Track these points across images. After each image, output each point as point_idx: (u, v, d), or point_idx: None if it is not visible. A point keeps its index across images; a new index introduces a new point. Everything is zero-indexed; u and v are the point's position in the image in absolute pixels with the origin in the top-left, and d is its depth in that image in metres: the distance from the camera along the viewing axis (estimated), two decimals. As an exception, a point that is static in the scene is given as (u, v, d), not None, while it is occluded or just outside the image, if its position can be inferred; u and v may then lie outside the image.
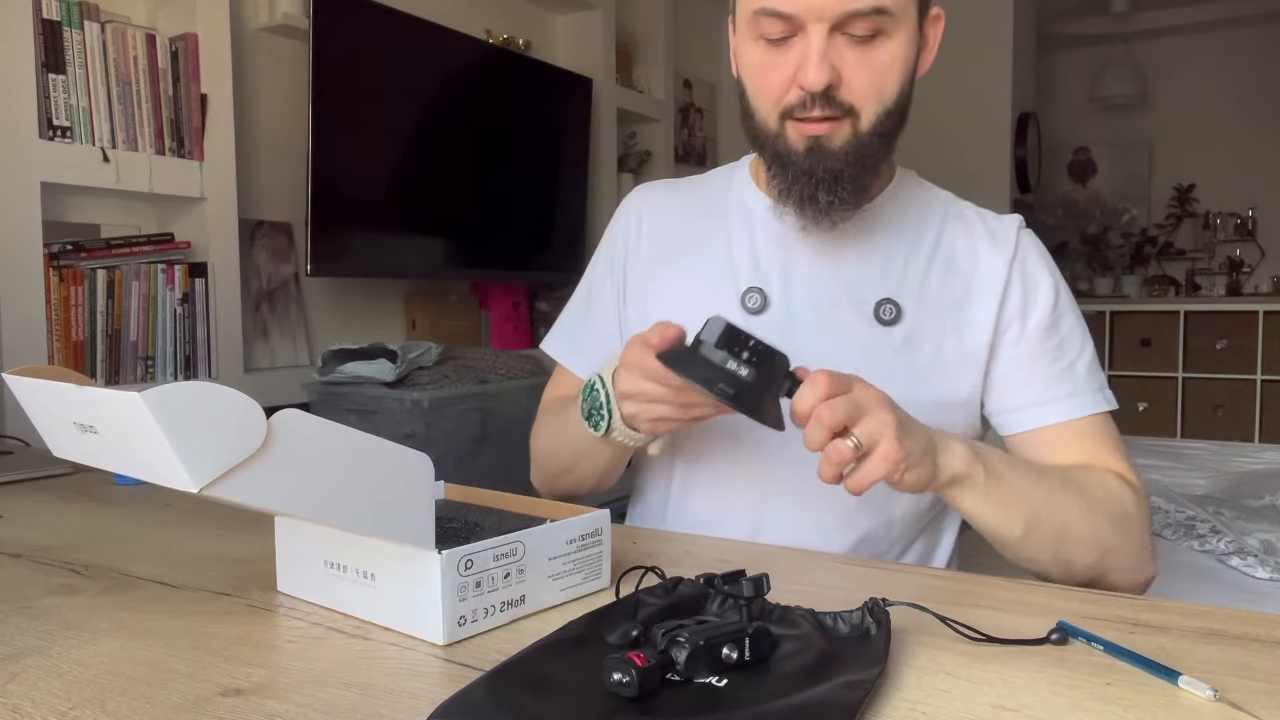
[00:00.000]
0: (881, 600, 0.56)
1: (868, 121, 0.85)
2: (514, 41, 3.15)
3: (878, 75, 0.84)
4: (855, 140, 0.86)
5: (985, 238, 0.96)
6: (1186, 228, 4.99)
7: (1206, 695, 0.50)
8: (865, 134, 0.86)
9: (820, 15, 0.81)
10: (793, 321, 0.93)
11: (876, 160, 0.89)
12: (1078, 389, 0.92)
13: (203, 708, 0.50)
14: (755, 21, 0.85)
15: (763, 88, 0.87)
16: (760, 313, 0.94)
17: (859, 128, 0.85)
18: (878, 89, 0.84)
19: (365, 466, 0.56)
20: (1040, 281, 0.94)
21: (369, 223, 2.49)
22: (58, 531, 0.90)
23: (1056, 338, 0.93)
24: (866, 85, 0.84)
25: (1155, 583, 1.43)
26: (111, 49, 1.99)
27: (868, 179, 0.89)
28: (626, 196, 1.10)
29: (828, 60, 0.82)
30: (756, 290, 0.95)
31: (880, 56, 0.84)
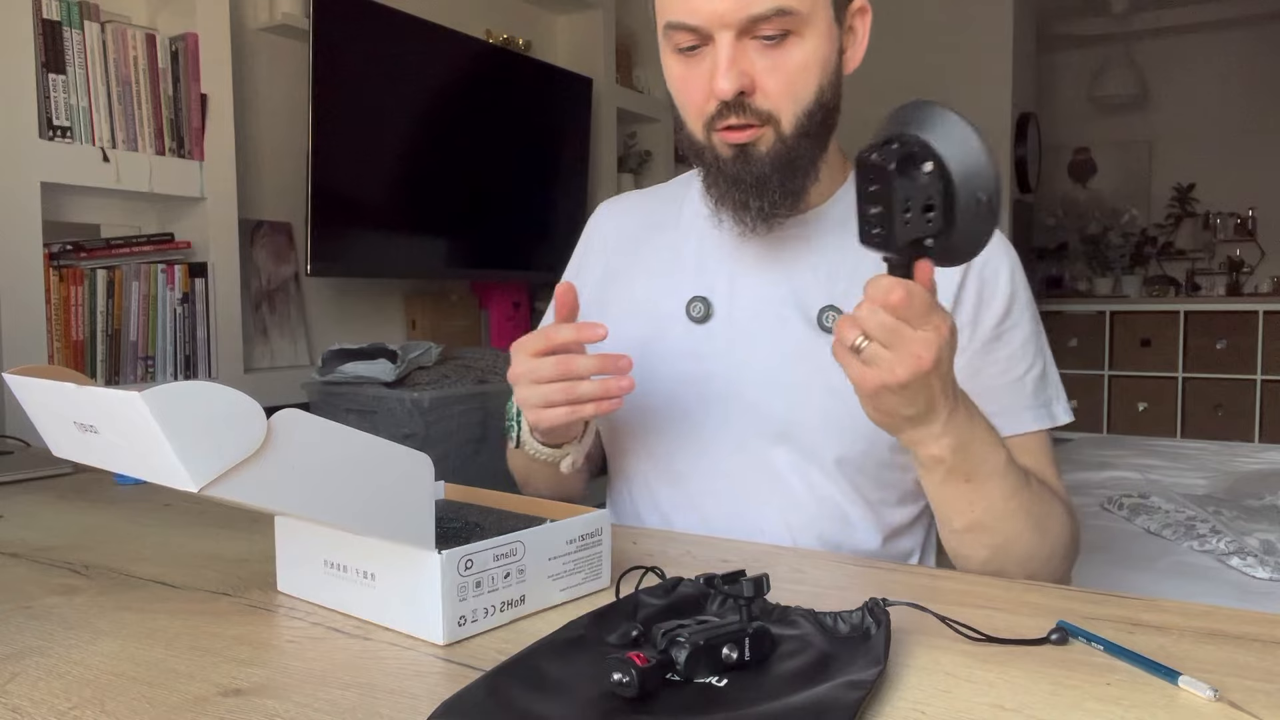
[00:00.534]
0: (881, 600, 0.56)
1: (789, 125, 0.85)
2: (514, 41, 3.15)
3: (791, 78, 0.83)
4: (780, 145, 0.85)
5: None
6: (1186, 228, 4.99)
7: (1206, 695, 0.50)
8: (789, 138, 0.85)
9: (723, 23, 0.81)
10: (736, 330, 0.94)
11: (808, 162, 0.88)
12: (1018, 404, 0.91)
13: (203, 708, 0.50)
14: (668, 35, 0.85)
15: (684, 101, 0.88)
16: (704, 321, 0.95)
17: (781, 132, 0.85)
18: (792, 92, 0.84)
19: (365, 466, 0.56)
20: (997, 289, 0.91)
21: (369, 223, 2.49)
22: (58, 531, 0.90)
23: (1006, 350, 0.91)
24: (781, 89, 0.83)
25: (1155, 583, 1.43)
26: (111, 49, 1.99)
27: (800, 182, 0.88)
28: (593, 213, 1.12)
29: (736, 67, 0.81)
30: (700, 300, 0.96)
31: (792, 58, 0.83)
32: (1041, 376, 0.93)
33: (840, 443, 0.90)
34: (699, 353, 0.95)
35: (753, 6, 0.80)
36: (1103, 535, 1.73)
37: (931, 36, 4.04)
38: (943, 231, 0.60)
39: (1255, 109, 4.78)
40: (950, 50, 4.02)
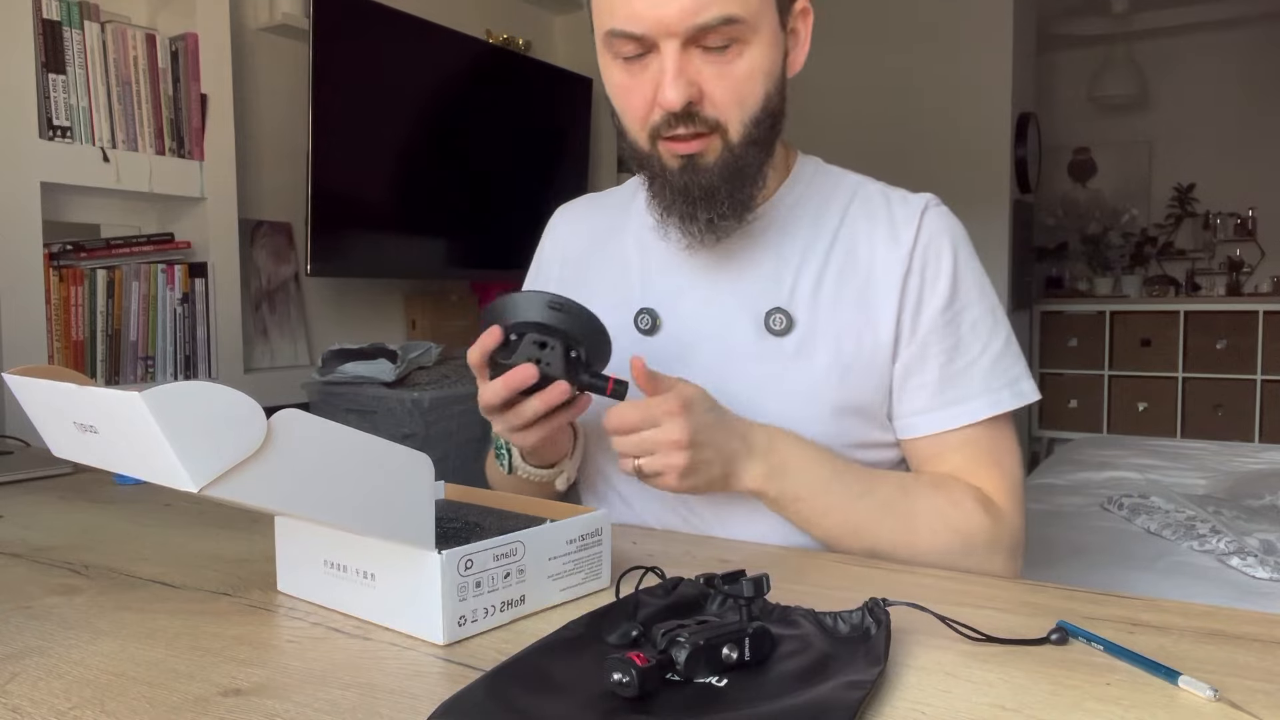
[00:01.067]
0: (881, 600, 0.56)
1: (736, 134, 0.83)
2: (514, 41, 3.15)
3: (738, 86, 0.81)
4: (728, 154, 0.83)
5: (885, 224, 0.90)
6: (1186, 228, 4.98)
7: (1206, 695, 0.50)
8: (736, 146, 0.83)
9: (669, 32, 0.78)
10: (683, 341, 0.92)
11: (755, 170, 0.86)
12: (967, 394, 0.87)
13: (203, 708, 0.50)
14: (609, 42, 0.82)
15: (627, 109, 0.85)
16: (652, 334, 0.94)
17: (729, 141, 0.83)
18: (739, 100, 0.82)
19: (365, 466, 0.56)
20: (941, 270, 0.88)
21: (369, 223, 2.49)
22: (58, 531, 0.90)
23: (953, 336, 0.88)
24: (728, 98, 0.81)
25: (1155, 583, 1.43)
26: (111, 49, 1.99)
27: (748, 190, 0.86)
28: (550, 220, 1.12)
29: (684, 76, 0.79)
30: (647, 311, 0.95)
31: (739, 67, 0.81)
32: (999, 356, 0.89)
33: None
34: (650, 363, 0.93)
35: (700, 15, 0.77)
36: (1103, 535, 1.73)
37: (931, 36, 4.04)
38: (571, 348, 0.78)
39: (1255, 109, 4.78)
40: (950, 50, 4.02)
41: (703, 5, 0.77)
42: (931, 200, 0.92)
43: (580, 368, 0.78)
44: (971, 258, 0.91)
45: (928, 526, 0.84)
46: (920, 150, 3.99)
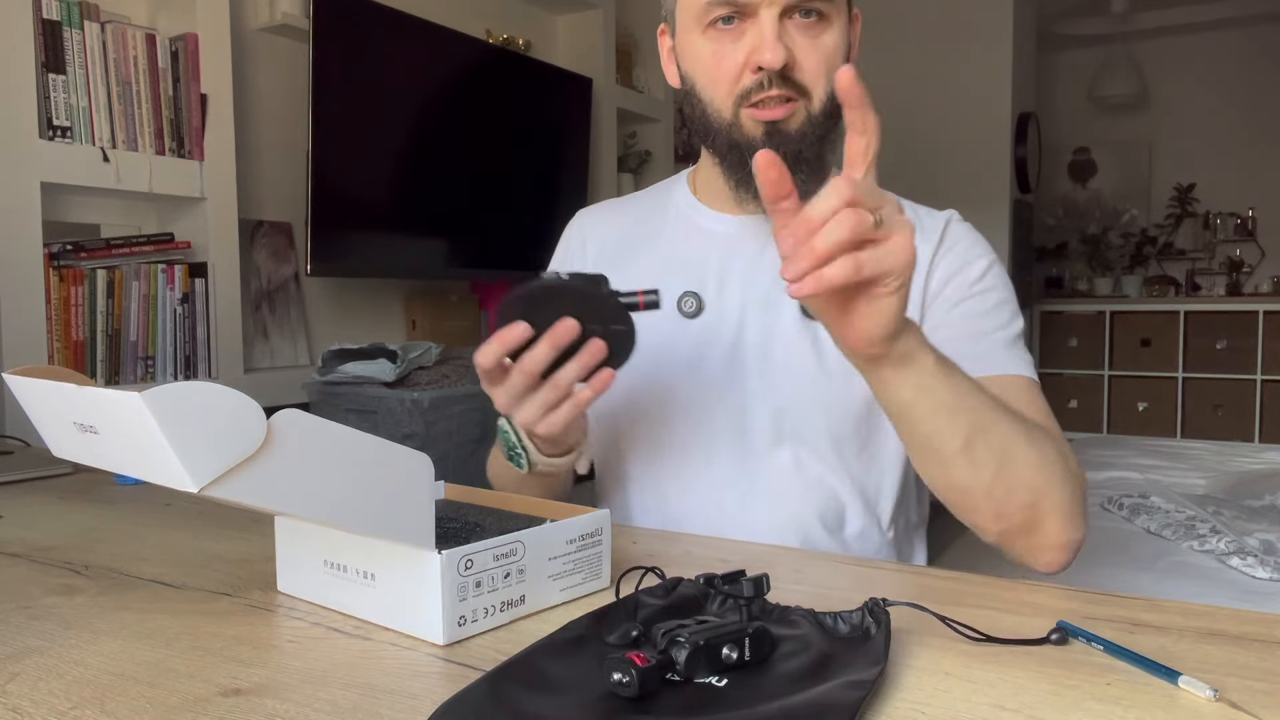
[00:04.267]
0: (881, 600, 0.56)
1: (819, 102, 0.88)
2: (514, 41, 3.15)
3: (827, 57, 0.88)
4: (809, 122, 0.89)
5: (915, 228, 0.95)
6: (1186, 228, 4.99)
7: (1206, 695, 0.50)
8: (818, 115, 0.89)
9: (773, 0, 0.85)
10: (726, 322, 0.96)
11: (832, 144, 0.90)
12: (998, 352, 0.89)
13: (203, 708, 0.50)
14: (707, 11, 0.88)
15: (717, 77, 0.89)
16: (695, 315, 0.97)
17: (812, 109, 0.88)
18: (827, 70, 0.88)
19: (365, 466, 0.56)
20: (970, 256, 0.94)
21: (369, 223, 2.49)
22: (58, 531, 0.90)
23: (980, 305, 0.92)
24: (817, 66, 0.87)
25: (1155, 583, 1.43)
26: (111, 49, 1.99)
27: (826, 161, 0.92)
28: (570, 223, 1.13)
29: (780, 41, 0.85)
30: (691, 295, 0.98)
31: (827, 40, 0.88)
32: (1015, 339, 0.91)
33: (831, 421, 0.93)
34: (694, 345, 0.97)
35: None
36: (1103, 535, 1.73)
37: (932, 37, 4.04)
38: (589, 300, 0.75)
39: (1255, 109, 4.78)
40: (950, 50, 4.02)
41: None
42: (955, 214, 0.99)
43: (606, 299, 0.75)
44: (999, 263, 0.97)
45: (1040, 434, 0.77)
46: (920, 150, 3.99)
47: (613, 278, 1.03)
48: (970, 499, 0.75)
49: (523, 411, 0.79)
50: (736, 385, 0.96)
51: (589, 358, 0.75)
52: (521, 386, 0.77)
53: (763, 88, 0.87)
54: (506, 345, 0.75)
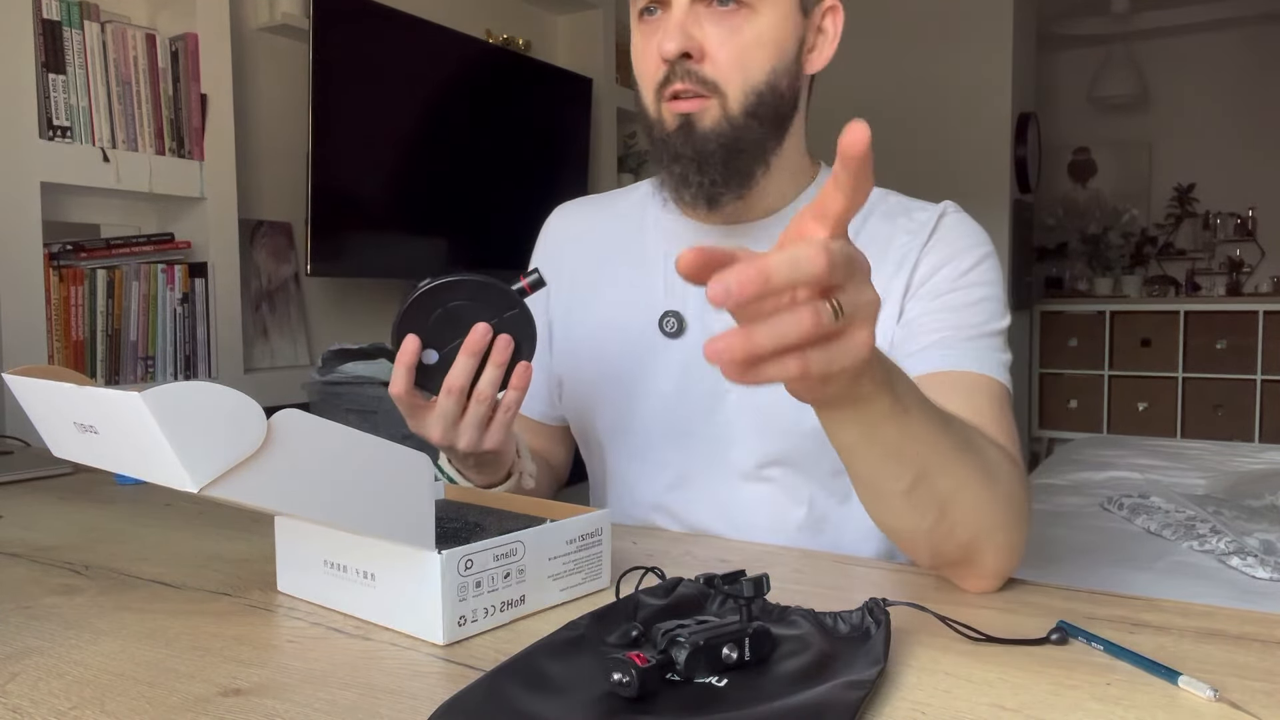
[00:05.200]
0: (881, 600, 0.56)
1: (735, 101, 0.83)
2: (514, 41, 3.15)
3: (741, 51, 0.82)
4: (725, 121, 0.83)
5: (904, 222, 0.92)
6: (1186, 228, 4.99)
7: (1206, 695, 0.50)
8: (735, 115, 0.83)
9: None
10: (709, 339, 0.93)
11: (756, 148, 0.86)
12: (975, 348, 0.84)
13: (203, 708, 0.50)
14: (634, 2, 0.86)
15: (641, 70, 0.87)
16: (677, 336, 0.94)
17: (727, 108, 0.83)
18: (741, 65, 0.83)
19: (365, 466, 0.56)
20: (961, 247, 0.89)
21: (369, 223, 2.49)
22: (58, 531, 0.89)
23: (965, 298, 0.87)
24: (729, 60, 0.82)
25: (1155, 583, 1.43)
26: (111, 49, 1.99)
27: (746, 165, 0.86)
28: (547, 220, 1.10)
29: (684, 29, 0.81)
30: (673, 315, 0.94)
31: (747, 30, 0.82)
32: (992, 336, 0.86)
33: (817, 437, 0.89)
34: (677, 365, 0.94)
35: None
36: (1103, 535, 1.73)
37: (931, 36, 4.04)
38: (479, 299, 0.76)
39: (1255, 109, 4.78)
40: (950, 50, 4.02)
41: None
42: (951, 205, 0.93)
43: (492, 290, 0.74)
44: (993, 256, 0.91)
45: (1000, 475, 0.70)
46: (920, 150, 3.99)
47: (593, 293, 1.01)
48: (908, 540, 0.69)
49: (460, 438, 0.76)
50: (721, 403, 0.92)
51: (501, 356, 0.73)
52: (454, 409, 0.74)
53: (670, 80, 0.83)
54: (410, 366, 0.73)
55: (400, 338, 0.74)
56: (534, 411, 1.06)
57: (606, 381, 0.97)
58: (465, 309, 0.73)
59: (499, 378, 0.73)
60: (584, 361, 0.99)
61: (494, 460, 0.83)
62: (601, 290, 1.00)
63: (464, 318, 0.73)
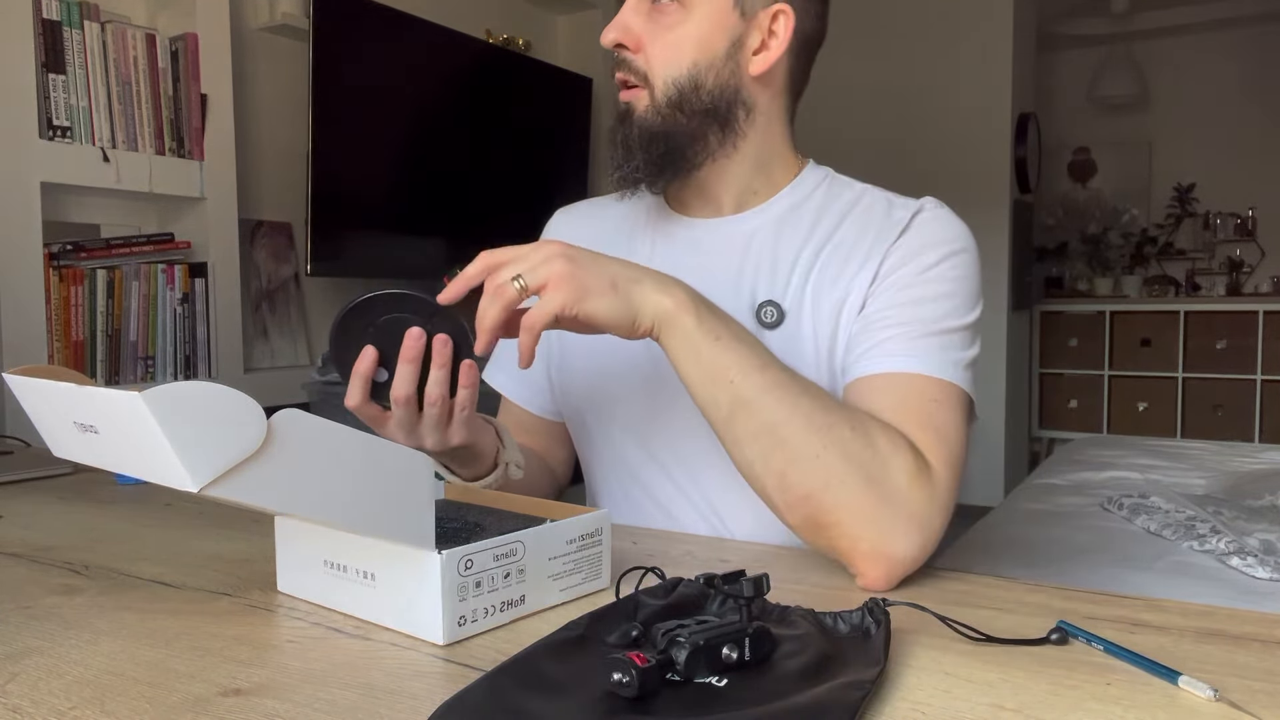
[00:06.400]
0: (881, 600, 0.56)
1: (660, 91, 0.89)
2: (514, 41, 3.15)
3: (665, 47, 0.88)
4: (653, 110, 0.89)
5: (881, 220, 0.91)
6: (1186, 228, 4.99)
7: (1206, 695, 0.50)
8: (660, 104, 0.89)
9: None
10: None
11: (683, 139, 0.90)
12: (924, 347, 0.82)
13: (203, 708, 0.50)
14: None
15: None
16: None
17: (655, 98, 0.89)
18: (664, 60, 0.88)
19: (365, 466, 0.56)
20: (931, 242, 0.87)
21: (369, 223, 2.49)
22: (58, 531, 0.89)
23: (923, 293, 0.85)
24: (658, 55, 0.89)
25: (1155, 583, 1.43)
26: (111, 49, 1.99)
27: (670, 157, 0.90)
28: (549, 221, 1.12)
29: (622, 22, 0.89)
30: None
31: (679, 29, 0.88)
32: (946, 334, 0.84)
33: None
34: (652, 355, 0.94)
35: None
36: (1103, 535, 1.73)
37: (931, 36, 4.04)
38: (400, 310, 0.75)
39: (1255, 109, 4.78)
40: (950, 50, 4.02)
41: None
42: (930, 201, 0.92)
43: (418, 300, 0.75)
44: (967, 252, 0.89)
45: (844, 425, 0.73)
46: (920, 150, 3.99)
47: None
48: (752, 480, 0.76)
49: (425, 440, 0.77)
50: None
51: (440, 357, 0.73)
52: (407, 417, 0.75)
53: (613, 68, 0.91)
54: (366, 377, 0.73)
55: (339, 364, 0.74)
56: (534, 405, 1.07)
57: (604, 375, 0.99)
58: (394, 322, 0.73)
59: (445, 378, 0.74)
60: (581, 357, 1.01)
61: (472, 455, 0.83)
62: None
63: (396, 330, 0.73)
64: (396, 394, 0.73)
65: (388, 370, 0.74)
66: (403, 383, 0.73)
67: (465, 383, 0.75)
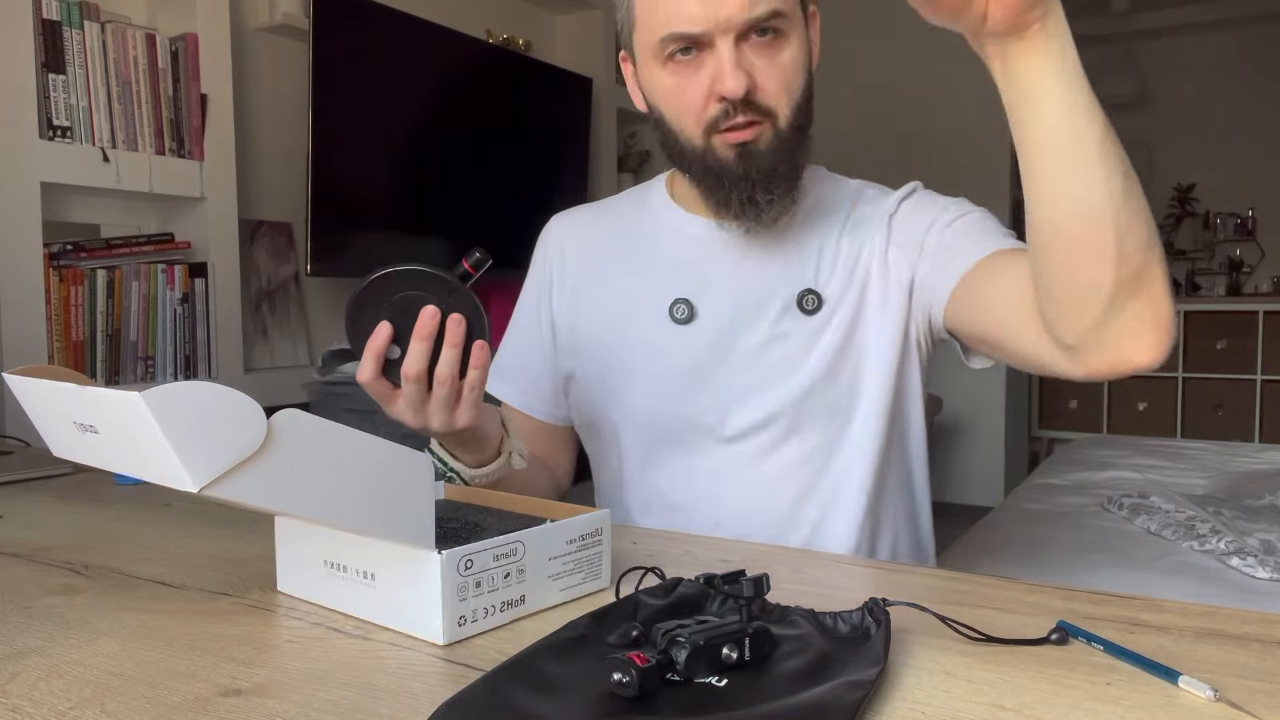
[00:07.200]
0: (881, 600, 0.56)
1: (785, 120, 0.90)
2: (514, 41, 3.15)
3: (786, 75, 0.89)
4: (778, 140, 0.90)
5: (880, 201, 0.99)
6: (1186, 228, 4.99)
7: (1206, 695, 0.50)
8: (785, 131, 0.90)
9: (726, 28, 0.85)
10: (719, 327, 0.97)
11: (801, 153, 0.93)
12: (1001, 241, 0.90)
13: (203, 708, 0.50)
14: (664, 47, 0.89)
15: (683, 109, 0.91)
16: (688, 322, 0.98)
17: (779, 127, 0.90)
18: (788, 88, 0.90)
19: (365, 466, 0.56)
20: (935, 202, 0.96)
21: (369, 223, 2.49)
22: (58, 531, 0.90)
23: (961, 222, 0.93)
24: (778, 86, 0.89)
25: (1155, 583, 1.43)
26: (111, 49, 1.99)
27: (796, 171, 0.93)
28: (545, 228, 1.13)
29: (741, 68, 0.86)
30: (683, 301, 0.99)
31: (785, 58, 0.89)
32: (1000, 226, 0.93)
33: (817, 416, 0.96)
34: (686, 352, 0.98)
35: (753, 9, 0.85)
36: (1103, 535, 1.73)
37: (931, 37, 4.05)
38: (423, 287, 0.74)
39: (1255, 109, 4.78)
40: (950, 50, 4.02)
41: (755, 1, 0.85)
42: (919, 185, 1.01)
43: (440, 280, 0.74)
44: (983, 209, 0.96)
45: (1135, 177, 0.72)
46: (921, 150, 3.99)
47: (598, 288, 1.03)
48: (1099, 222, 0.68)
49: (432, 420, 0.77)
50: (729, 385, 0.97)
51: (454, 337, 0.73)
52: (417, 395, 0.75)
53: (728, 115, 0.88)
54: (379, 352, 0.73)
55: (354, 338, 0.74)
56: (538, 411, 1.08)
57: (619, 371, 1.00)
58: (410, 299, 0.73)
59: (456, 358, 0.74)
60: (595, 353, 1.03)
61: (476, 439, 0.84)
62: (607, 284, 1.04)
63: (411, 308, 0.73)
64: (408, 371, 0.73)
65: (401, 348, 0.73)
66: (414, 360, 0.73)
67: (476, 363, 0.75)
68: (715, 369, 0.97)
